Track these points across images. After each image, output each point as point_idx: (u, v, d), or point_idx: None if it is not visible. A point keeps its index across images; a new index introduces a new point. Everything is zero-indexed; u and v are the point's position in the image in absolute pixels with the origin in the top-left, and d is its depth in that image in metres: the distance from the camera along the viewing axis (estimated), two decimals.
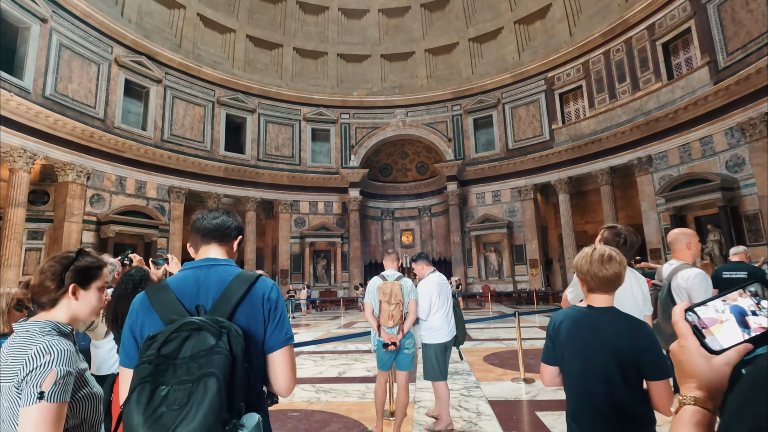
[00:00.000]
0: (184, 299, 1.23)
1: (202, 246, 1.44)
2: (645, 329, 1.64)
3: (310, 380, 5.08)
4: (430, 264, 3.68)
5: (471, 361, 5.71)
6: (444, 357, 3.45)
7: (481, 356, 6.11)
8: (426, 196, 25.47)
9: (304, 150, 23.03)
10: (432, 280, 3.52)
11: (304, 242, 22.15)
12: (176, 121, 19.54)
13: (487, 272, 22.54)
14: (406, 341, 3.33)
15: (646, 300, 2.13)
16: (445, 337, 3.45)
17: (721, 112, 15.55)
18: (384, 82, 24.07)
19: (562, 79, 21.03)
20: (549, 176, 20.98)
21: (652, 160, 17.81)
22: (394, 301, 3.23)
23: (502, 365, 5.51)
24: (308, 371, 5.52)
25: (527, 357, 5.95)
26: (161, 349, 1.04)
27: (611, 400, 1.60)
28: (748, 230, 15.00)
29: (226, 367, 1.01)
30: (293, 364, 1.31)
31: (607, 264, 1.68)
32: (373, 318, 3.37)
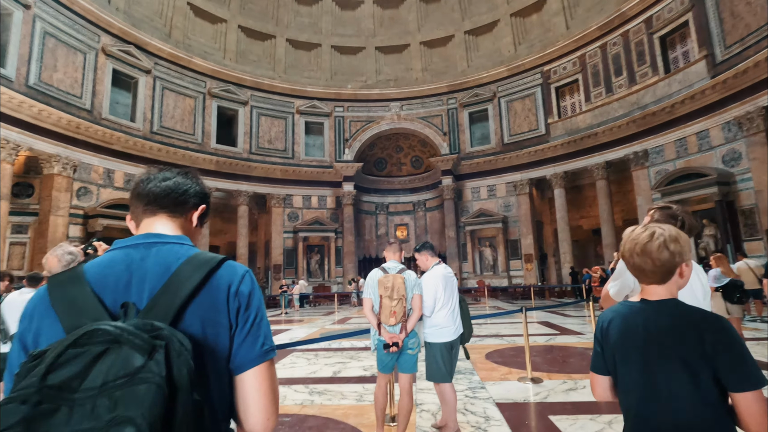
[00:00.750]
0: (105, 294, 0.81)
1: (144, 218, 1.00)
2: (720, 324, 1.26)
3: (303, 380, 4.73)
4: (435, 255, 3.32)
5: (473, 359, 5.39)
6: (450, 357, 3.13)
7: (483, 353, 5.81)
8: (421, 190, 25.15)
9: (298, 143, 22.57)
10: (437, 272, 3.17)
11: (298, 237, 21.74)
12: (166, 113, 18.99)
13: (481, 267, 22.31)
14: (410, 341, 2.99)
15: (706, 294, 1.79)
16: (451, 335, 3.11)
17: (718, 106, 15.37)
18: (378, 74, 23.64)
19: (558, 73, 20.75)
20: (545, 171, 20.74)
21: (648, 154, 17.63)
22: (396, 296, 2.90)
23: (506, 363, 5.21)
24: (301, 370, 5.17)
25: (533, 354, 5.66)
26: (48, 377, 0.63)
27: (681, 422, 1.25)
28: (744, 225, 14.87)
29: (156, 407, 0.61)
30: (274, 387, 0.89)
31: (670, 244, 1.32)
32: (372, 315, 3.03)
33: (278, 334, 8.60)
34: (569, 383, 4.16)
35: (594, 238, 21.49)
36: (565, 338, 6.86)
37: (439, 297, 3.10)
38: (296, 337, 8.00)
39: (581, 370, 4.67)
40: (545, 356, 5.48)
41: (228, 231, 22.22)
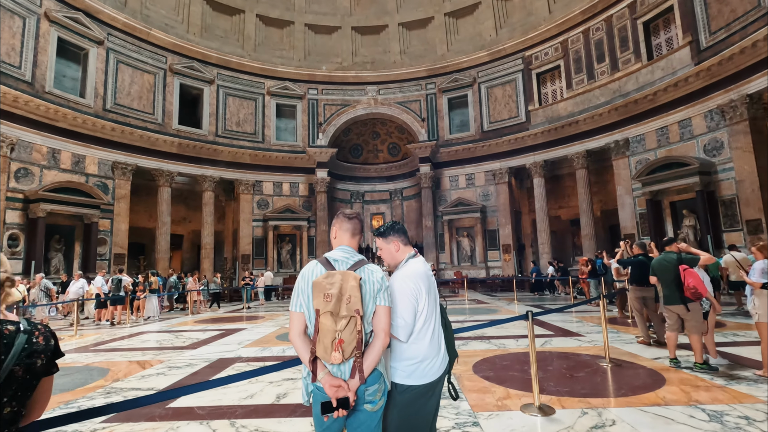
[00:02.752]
0: None
1: None
2: None
3: (231, 410, 3.42)
4: (408, 242, 2.06)
5: (458, 373, 4.22)
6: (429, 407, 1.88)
7: (469, 364, 4.65)
8: (398, 178, 23.91)
9: (268, 126, 20.90)
10: (415, 270, 1.93)
11: (268, 225, 20.20)
12: (121, 89, 17.04)
13: (459, 258, 21.34)
14: (369, 389, 1.71)
15: None
16: (436, 371, 1.88)
17: (701, 94, 14.76)
18: (355, 56, 22.13)
19: (539, 59, 19.77)
20: (524, 159, 19.83)
21: (629, 143, 16.94)
22: (345, 311, 1.60)
23: (501, 380, 4.04)
24: (235, 393, 3.85)
25: (518, 363, 4.52)
26: None
27: None
28: (724, 215, 14.36)
29: None
30: None
31: None
32: (304, 344, 1.71)
33: (226, 336, 7.24)
34: (592, 416, 3.04)
35: (572, 229, 20.80)
36: (564, 341, 5.81)
37: (421, 311, 1.88)
38: (245, 341, 6.65)
39: (599, 392, 3.58)
40: (546, 368, 4.36)
41: (192, 219, 20.47)
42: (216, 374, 4.52)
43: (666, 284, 4.36)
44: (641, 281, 5.41)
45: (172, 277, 13.32)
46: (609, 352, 4.51)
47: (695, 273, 4.07)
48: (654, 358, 4.67)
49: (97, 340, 7.13)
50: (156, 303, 10.25)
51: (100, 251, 15.91)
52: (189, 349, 6.03)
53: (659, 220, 16.13)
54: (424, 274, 1.93)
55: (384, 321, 1.72)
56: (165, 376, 4.56)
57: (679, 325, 4.35)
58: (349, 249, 1.92)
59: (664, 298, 4.39)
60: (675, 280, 4.20)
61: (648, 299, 5.48)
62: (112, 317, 9.34)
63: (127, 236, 16.80)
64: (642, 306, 5.50)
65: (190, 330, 8.21)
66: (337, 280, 1.65)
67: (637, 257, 5.58)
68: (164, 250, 17.62)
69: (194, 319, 10.11)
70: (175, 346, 6.29)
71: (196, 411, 3.41)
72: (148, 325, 9.14)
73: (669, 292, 4.31)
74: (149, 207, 18.76)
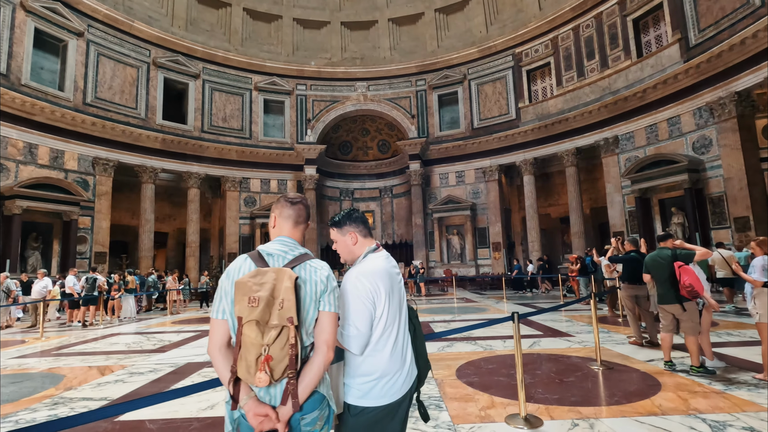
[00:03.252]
0: None
1: None
2: None
3: (186, 424, 3.04)
4: (369, 234, 1.71)
5: (440, 379, 3.89)
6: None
7: (453, 368, 4.33)
8: (388, 176, 23.56)
9: (256, 123, 20.41)
10: (374, 266, 1.57)
11: (255, 223, 19.73)
12: (102, 83, 16.46)
13: (449, 256, 21.07)
14: (306, 418, 1.31)
15: None
16: (398, 389, 1.53)
17: (690, 91, 14.65)
18: (344, 52, 21.72)
19: (530, 56, 19.54)
20: (514, 157, 19.61)
21: (619, 140, 16.80)
22: (276, 318, 1.23)
23: (486, 386, 3.72)
24: (194, 404, 3.45)
25: (505, 367, 4.21)
26: None
27: None
28: (712, 213, 14.25)
29: None
30: None
31: None
32: (225, 359, 1.34)
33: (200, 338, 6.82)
34: (583, 428, 2.72)
35: (562, 227, 20.64)
36: (553, 342, 5.51)
37: (380, 317, 1.52)
38: None
39: (591, 399, 3.26)
40: (534, 372, 4.05)
41: (178, 216, 19.94)
42: (180, 381, 4.14)
43: (660, 282, 4.09)
44: (633, 279, 5.14)
45: (151, 276, 12.83)
46: (600, 353, 4.22)
47: (691, 270, 3.79)
48: (647, 360, 4.39)
49: (61, 344, 6.68)
50: (133, 303, 9.80)
51: (80, 249, 15.35)
52: (157, 352, 5.64)
53: (648, 218, 16.01)
54: (385, 272, 1.58)
55: (328, 331, 1.36)
56: (124, 384, 4.18)
57: (674, 325, 4.08)
58: (290, 241, 1.56)
59: (659, 297, 4.11)
60: (670, 277, 3.93)
61: (640, 298, 5.20)
62: (83, 318, 8.87)
63: (109, 234, 16.25)
64: (634, 305, 5.23)
65: (164, 331, 7.79)
66: (268, 280, 1.29)
67: (629, 254, 5.31)
68: (147, 248, 17.09)
69: (172, 320, 9.68)
70: (144, 350, 5.88)
71: (146, 425, 3.03)
72: (122, 327, 8.69)
73: (663, 291, 4.04)
74: (132, 204, 18.21)
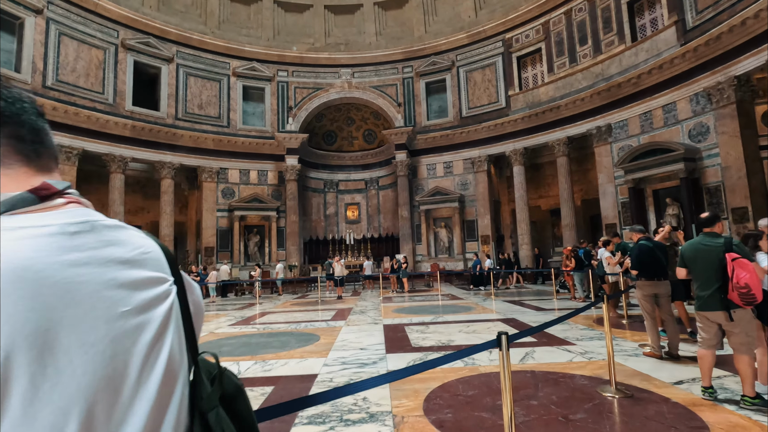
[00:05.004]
0: None
1: None
2: None
3: None
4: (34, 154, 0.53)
5: (399, 415, 2.78)
6: None
7: (421, 396, 3.22)
8: (373, 167, 22.37)
9: (234, 110, 19.06)
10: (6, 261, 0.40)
11: (233, 216, 18.46)
12: (65, 65, 15.03)
13: (436, 249, 20.01)
14: None
15: None
16: None
17: (687, 76, 13.70)
18: (328, 37, 20.40)
19: (520, 41, 18.44)
20: (504, 146, 18.55)
21: (612, 129, 15.82)
22: None
23: (460, 428, 2.61)
24: None
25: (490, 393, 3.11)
26: None
27: None
28: (709, 203, 13.36)
29: None
30: None
31: None
32: None
33: None
34: None
35: (552, 219, 19.67)
36: (550, 353, 4.39)
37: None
38: None
39: None
40: (529, 403, 2.95)
41: (151, 208, 18.58)
42: None
43: (702, 280, 2.96)
44: (652, 273, 4.05)
45: None
46: (615, 374, 3.16)
47: (750, 266, 2.70)
48: (675, 383, 3.33)
49: None
50: None
51: None
52: None
53: (642, 209, 15.08)
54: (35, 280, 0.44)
55: None
56: None
57: (718, 339, 3.00)
58: None
59: (698, 300, 2.99)
60: (717, 274, 2.82)
61: (662, 297, 4.11)
62: None
63: None
64: (653, 306, 4.12)
65: None
66: None
67: (641, 243, 4.22)
68: None
69: None
70: None
71: None
72: None
73: (705, 291, 2.94)
74: (101, 196, 16.82)
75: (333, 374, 3.88)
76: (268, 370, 4.11)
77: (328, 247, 19.88)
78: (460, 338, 5.31)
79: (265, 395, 3.33)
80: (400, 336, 5.70)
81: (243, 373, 4.04)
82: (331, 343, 5.35)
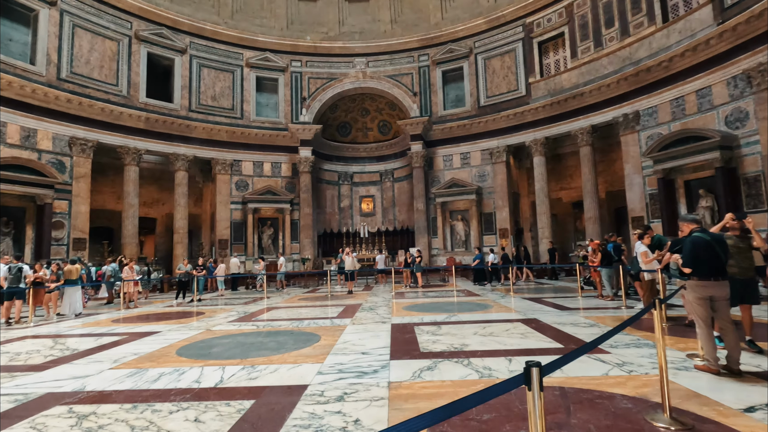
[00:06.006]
0: None
1: None
2: None
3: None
4: None
5: None
6: None
7: None
8: (388, 158, 21.71)
9: (247, 101, 18.67)
10: None
11: (247, 208, 18.13)
12: (79, 57, 14.86)
13: (452, 243, 19.27)
14: None
15: None
16: None
17: (724, 57, 12.59)
18: (342, 26, 19.75)
19: (542, 26, 17.40)
20: (524, 136, 17.62)
21: (640, 116, 14.76)
22: None
23: None
24: None
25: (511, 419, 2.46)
26: None
27: None
28: (747, 195, 12.27)
29: None
30: None
31: None
32: None
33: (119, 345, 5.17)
34: None
35: (575, 212, 18.67)
36: (580, 364, 3.55)
37: None
38: (130, 356, 4.65)
39: None
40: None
41: (166, 201, 18.44)
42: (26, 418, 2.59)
43: None
44: (709, 272, 3.29)
45: (110, 264, 11.35)
46: (669, 397, 2.48)
47: None
48: (745, 409, 2.62)
49: None
50: (78, 297, 8.30)
51: (56, 235, 13.93)
52: (33, 371, 4.06)
53: (671, 201, 14.01)
54: None
55: None
56: None
57: None
58: None
59: None
60: None
61: (719, 300, 3.33)
62: (8, 315, 7.35)
63: (89, 219, 14.80)
64: (709, 312, 3.35)
65: (89, 334, 6.20)
66: None
67: (695, 236, 3.46)
68: (131, 234, 15.62)
69: (117, 317, 8.14)
70: (20, 366, 4.28)
71: None
72: (46, 326, 7.12)
73: None
74: (117, 188, 16.74)
75: (325, 386, 3.31)
76: (254, 379, 3.57)
77: (342, 240, 19.38)
78: (474, 342, 4.67)
79: (242, 412, 2.78)
80: (408, 338, 5.10)
81: (225, 381, 3.52)
82: (331, 345, 4.79)
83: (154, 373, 3.78)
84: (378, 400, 2.92)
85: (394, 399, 2.94)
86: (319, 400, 2.97)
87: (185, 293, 11.68)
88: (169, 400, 3.07)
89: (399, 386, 3.23)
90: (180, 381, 3.55)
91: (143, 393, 3.25)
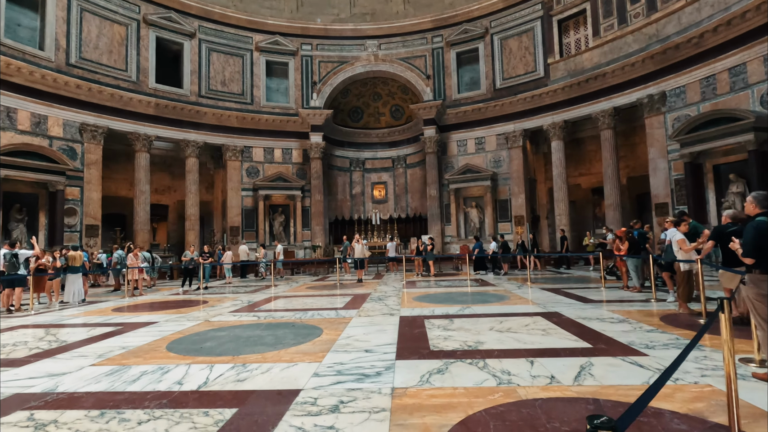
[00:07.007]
0: None
1: None
2: None
3: None
4: None
5: None
6: None
7: None
8: (401, 144, 21.08)
9: (257, 86, 18.22)
10: None
11: (258, 195, 17.83)
12: (87, 42, 14.57)
13: (466, 230, 18.68)
14: None
15: None
16: None
17: (761, 32, 11.63)
18: (353, 7, 19.01)
19: (562, 2, 16.41)
20: (541, 120, 16.78)
21: (666, 97, 13.80)
22: None
23: None
24: None
25: None
26: None
27: None
28: None
29: None
30: None
31: None
32: None
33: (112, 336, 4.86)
34: None
35: (594, 198, 17.84)
36: (614, 369, 3.09)
37: None
38: (118, 349, 4.30)
39: None
40: None
41: (178, 188, 18.27)
42: None
43: None
44: None
45: (117, 251, 11.16)
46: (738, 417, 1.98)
47: None
48: None
49: None
50: (80, 285, 8.08)
51: (69, 222, 13.86)
52: (11, 367, 3.74)
53: (699, 187, 13.13)
54: None
55: None
56: None
57: None
58: None
59: None
60: None
61: None
62: (8, 303, 7.17)
63: (101, 206, 14.70)
64: None
65: (85, 324, 5.93)
66: None
67: (760, 220, 2.86)
68: (143, 221, 15.49)
69: (120, 305, 7.89)
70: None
71: None
72: (48, 314, 6.90)
73: None
74: (129, 174, 16.59)
75: (320, 391, 2.88)
76: (243, 380, 3.16)
77: (354, 228, 18.97)
78: (491, 339, 4.17)
79: (220, 425, 2.37)
80: (418, 333, 4.64)
81: (210, 383, 3.11)
82: (332, 341, 4.37)
83: (136, 372, 3.42)
84: (378, 413, 2.47)
85: (397, 411, 2.49)
86: (311, 410, 2.54)
87: (191, 281, 11.46)
88: (142, 406, 2.68)
89: (404, 394, 2.78)
90: (161, 382, 3.16)
91: (117, 397, 2.88)
